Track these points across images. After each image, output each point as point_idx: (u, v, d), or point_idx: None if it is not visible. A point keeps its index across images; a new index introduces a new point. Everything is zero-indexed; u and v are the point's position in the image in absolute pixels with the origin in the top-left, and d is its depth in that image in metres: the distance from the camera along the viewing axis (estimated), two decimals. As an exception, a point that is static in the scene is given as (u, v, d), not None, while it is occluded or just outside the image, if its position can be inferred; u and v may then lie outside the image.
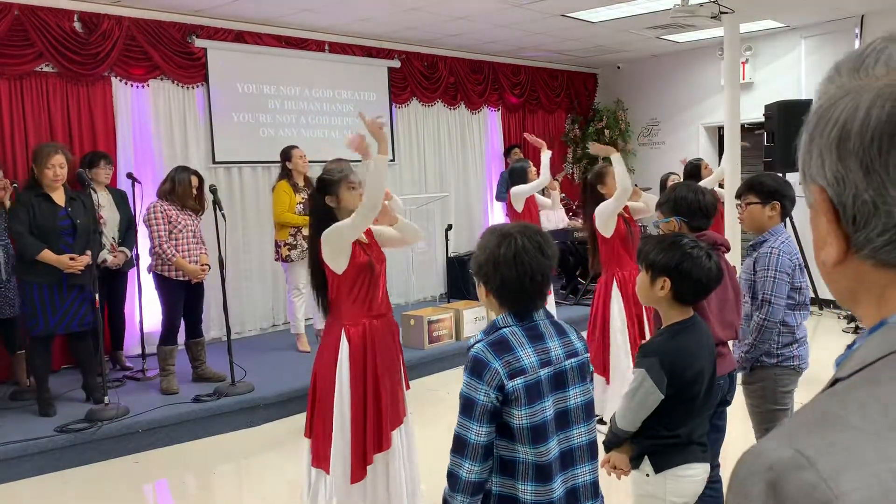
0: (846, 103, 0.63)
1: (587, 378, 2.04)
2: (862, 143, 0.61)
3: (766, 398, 3.18)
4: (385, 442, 3.26)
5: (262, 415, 5.20)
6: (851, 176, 0.62)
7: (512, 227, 2.03)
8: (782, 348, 3.16)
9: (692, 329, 2.37)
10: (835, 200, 0.64)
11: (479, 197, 9.45)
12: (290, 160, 6.26)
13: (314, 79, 7.68)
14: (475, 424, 1.88)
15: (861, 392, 0.59)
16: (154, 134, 6.60)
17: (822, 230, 0.68)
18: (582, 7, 7.16)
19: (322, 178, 3.31)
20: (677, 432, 2.31)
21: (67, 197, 4.87)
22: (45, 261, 4.66)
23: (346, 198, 3.24)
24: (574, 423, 1.99)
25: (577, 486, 2.00)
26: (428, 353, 6.37)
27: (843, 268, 0.66)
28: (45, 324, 4.75)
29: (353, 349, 3.21)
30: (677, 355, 2.29)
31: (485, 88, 9.35)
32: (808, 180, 0.68)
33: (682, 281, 2.32)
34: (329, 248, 3.16)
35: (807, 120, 0.69)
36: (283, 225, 6.14)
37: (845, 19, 8.20)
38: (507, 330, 1.95)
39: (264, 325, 7.42)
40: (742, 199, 3.24)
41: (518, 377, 1.88)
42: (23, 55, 5.78)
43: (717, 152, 10.07)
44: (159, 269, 5.29)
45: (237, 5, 6.47)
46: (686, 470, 2.33)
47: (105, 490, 4.23)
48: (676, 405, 2.29)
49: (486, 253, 1.98)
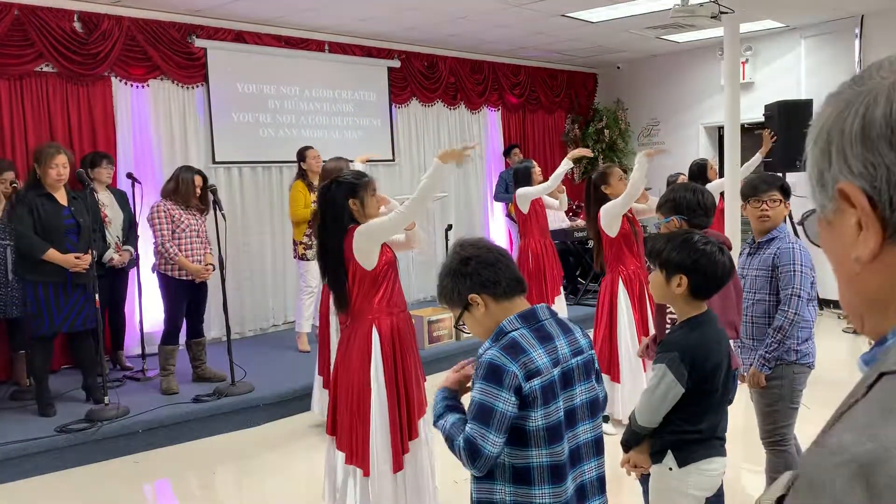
0: (861, 101, 0.66)
1: (592, 375, 2.05)
2: (889, 124, 0.64)
3: (784, 397, 3.16)
4: (414, 431, 3.34)
5: (262, 415, 5.20)
6: (882, 159, 0.64)
7: (466, 240, 2.11)
8: (801, 344, 3.16)
9: (708, 323, 2.42)
10: (867, 188, 0.66)
11: (479, 197, 9.45)
12: (305, 161, 6.31)
13: (314, 79, 7.68)
14: (493, 434, 1.84)
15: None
16: (154, 134, 6.60)
17: (847, 232, 0.68)
18: (582, 7, 7.16)
19: (346, 181, 3.30)
20: (699, 427, 2.35)
21: (69, 196, 4.88)
22: (51, 260, 4.67)
23: (370, 203, 3.30)
24: (581, 420, 2.00)
25: (584, 483, 2.01)
26: (428, 353, 6.37)
27: (877, 262, 0.67)
28: (49, 323, 4.76)
29: (384, 343, 3.28)
30: (697, 349, 2.33)
31: (485, 88, 9.35)
32: (829, 185, 0.69)
33: (699, 277, 2.36)
34: (366, 245, 3.21)
35: (815, 138, 0.71)
36: (299, 223, 6.18)
37: (845, 19, 8.20)
38: (517, 333, 1.94)
39: (264, 325, 7.42)
40: (767, 196, 3.21)
41: (535, 378, 1.87)
42: (23, 55, 5.78)
43: (718, 152, 10.07)
44: (163, 269, 5.29)
45: (237, 5, 6.47)
46: (709, 464, 2.36)
47: (105, 490, 4.23)
48: (697, 398, 2.33)
49: (456, 274, 2.02)
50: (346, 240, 3.22)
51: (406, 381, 3.35)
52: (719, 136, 9.82)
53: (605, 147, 10.47)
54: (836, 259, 0.72)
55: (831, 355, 5.61)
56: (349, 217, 3.26)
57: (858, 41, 8.16)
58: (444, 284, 2.05)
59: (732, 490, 3.23)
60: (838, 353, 6.42)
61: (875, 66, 0.69)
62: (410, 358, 3.40)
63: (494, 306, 1.99)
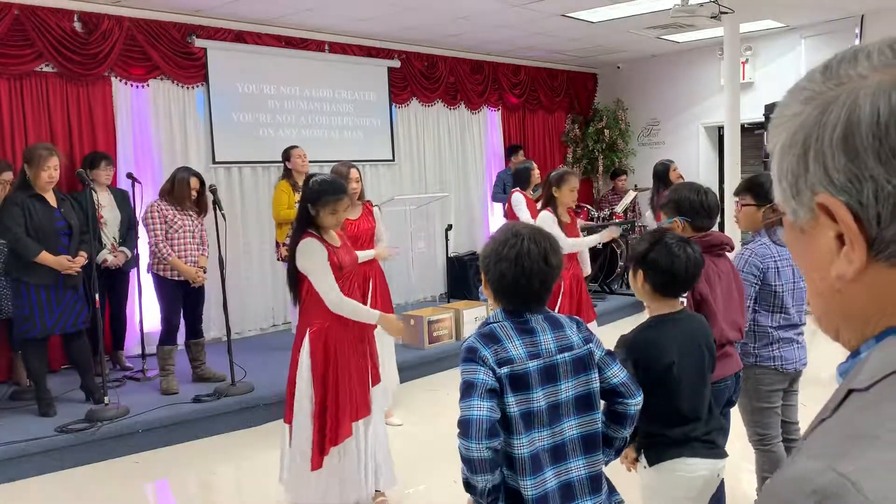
0: (842, 103, 0.61)
1: (588, 370, 2.05)
2: (875, 135, 0.59)
3: (751, 397, 3.22)
4: (343, 433, 3.39)
5: (262, 415, 5.19)
6: (869, 172, 0.60)
7: (524, 228, 2.07)
8: (760, 349, 3.18)
9: (671, 323, 2.39)
10: (852, 203, 0.61)
11: (479, 197, 9.45)
12: (290, 160, 6.30)
13: (314, 79, 7.68)
14: (476, 400, 1.91)
15: (893, 407, 0.57)
16: (154, 134, 6.60)
17: (825, 245, 0.64)
18: (582, 7, 7.16)
19: (315, 186, 3.36)
20: (666, 428, 2.34)
21: (58, 198, 4.87)
22: (43, 262, 4.65)
23: (326, 217, 3.34)
24: (565, 416, 2.01)
25: (570, 481, 2.01)
26: (428, 352, 6.38)
27: (860, 281, 0.63)
28: (41, 325, 4.74)
29: (314, 349, 3.38)
30: (643, 349, 2.34)
31: (485, 88, 9.35)
32: (805, 194, 0.65)
33: (653, 271, 2.37)
34: (300, 263, 3.34)
35: (790, 140, 0.66)
36: (282, 224, 6.17)
37: (845, 19, 8.20)
38: (497, 324, 2.03)
39: (264, 325, 7.42)
40: (739, 199, 3.25)
41: (504, 366, 1.95)
42: (23, 55, 5.77)
43: (718, 152, 10.08)
44: (157, 269, 5.29)
45: (237, 5, 6.47)
46: (681, 464, 2.34)
47: (105, 490, 4.23)
48: (658, 399, 2.31)
49: (491, 246, 2.05)
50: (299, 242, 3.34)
51: (338, 383, 3.38)
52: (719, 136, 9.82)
53: (605, 147, 10.48)
54: (810, 269, 0.69)
55: (828, 355, 5.59)
56: (306, 219, 3.35)
57: (858, 41, 8.15)
58: None
59: (732, 490, 3.24)
60: (834, 356, 6.40)
61: (848, 60, 0.64)
62: (356, 361, 3.45)
63: (490, 293, 2.09)
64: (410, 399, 5.62)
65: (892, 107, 0.59)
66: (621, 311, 8.18)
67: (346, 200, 3.40)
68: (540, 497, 1.95)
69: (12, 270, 4.80)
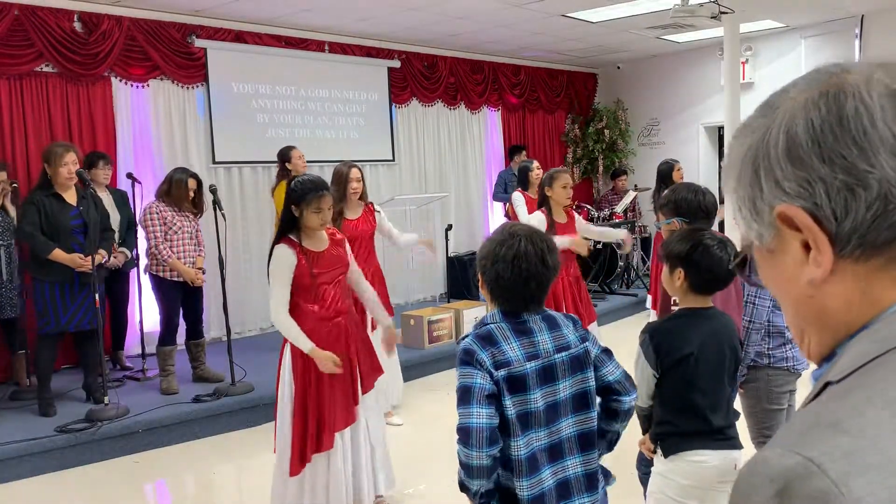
0: (779, 123, 0.66)
1: (584, 368, 2.05)
2: (815, 140, 0.64)
3: (762, 398, 3.21)
4: (326, 443, 3.35)
5: (262, 415, 5.19)
6: (815, 173, 0.64)
7: (521, 228, 2.07)
8: (774, 349, 3.18)
9: (700, 318, 2.42)
10: (808, 206, 0.65)
11: (479, 197, 9.45)
12: (289, 161, 6.26)
13: (314, 79, 7.68)
14: (475, 407, 1.91)
15: (859, 395, 0.58)
16: (154, 134, 6.60)
17: (794, 256, 0.67)
18: (582, 7, 7.16)
19: (298, 187, 3.30)
20: (682, 419, 2.37)
21: (79, 196, 4.89)
22: (56, 260, 4.70)
23: (310, 217, 3.28)
24: (563, 415, 2.02)
25: (567, 479, 2.02)
26: (428, 352, 6.38)
27: (831, 281, 0.66)
28: (56, 322, 4.78)
29: (294, 356, 3.36)
30: (666, 336, 2.39)
31: (485, 88, 9.35)
32: (765, 213, 0.68)
33: (694, 271, 2.38)
34: (271, 269, 3.32)
35: (739, 173, 0.70)
36: None
37: (845, 19, 8.20)
38: (494, 325, 2.02)
39: (264, 325, 7.41)
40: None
41: (502, 368, 1.94)
42: (23, 55, 5.77)
43: (717, 152, 10.08)
44: (154, 270, 5.30)
45: (237, 5, 6.47)
46: (693, 456, 2.36)
47: (105, 490, 4.23)
48: (667, 385, 2.37)
49: (488, 247, 2.04)
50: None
51: (319, 393, 3.33)
52: (719, 136, 9.83)
53: (605, 147, 10.48)
54: (782, 287, 0.71)
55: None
56: (288, 224, 3.31)
57: (858, 41, 8.16)
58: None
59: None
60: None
61: (779, 93, 0.70)
62: (345, 366, 3.36)
63: (487, 293, 2.09)
64: (411, 399, 5.63)
65: (822, 115, 0.64)
66: (621, 311, 8.19)
67: (330, 198, 3.33)
68: (535, 498, 1.95)
69: (29, 267, 4.88)
